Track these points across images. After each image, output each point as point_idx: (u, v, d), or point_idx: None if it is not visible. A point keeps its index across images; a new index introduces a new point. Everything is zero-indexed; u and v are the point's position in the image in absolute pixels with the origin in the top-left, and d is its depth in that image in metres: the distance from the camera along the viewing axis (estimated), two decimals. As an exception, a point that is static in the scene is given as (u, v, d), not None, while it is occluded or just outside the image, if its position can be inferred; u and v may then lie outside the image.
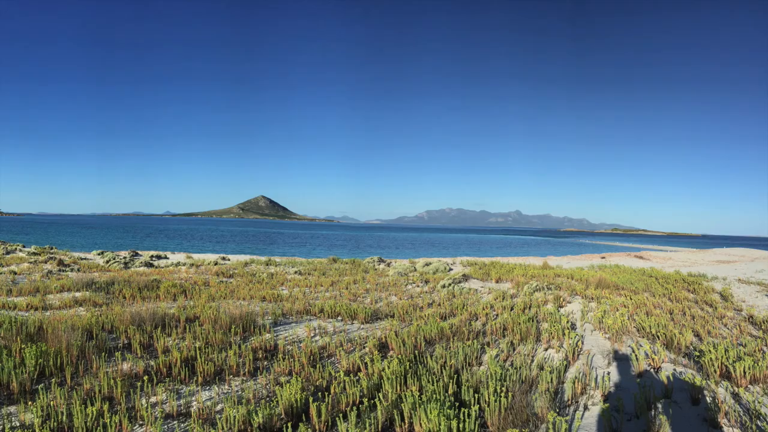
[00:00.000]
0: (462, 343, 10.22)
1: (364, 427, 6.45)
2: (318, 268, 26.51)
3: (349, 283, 20.64)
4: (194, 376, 8.34)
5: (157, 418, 6.55)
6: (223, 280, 21.26)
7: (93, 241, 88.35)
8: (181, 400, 7.36)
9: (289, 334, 11.44)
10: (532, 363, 9.20)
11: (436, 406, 6.35)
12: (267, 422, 6.51)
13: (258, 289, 18.07)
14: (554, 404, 7.31)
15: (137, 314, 11.57)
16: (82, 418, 6.19)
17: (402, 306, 14.65)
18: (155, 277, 20.87)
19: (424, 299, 16.35)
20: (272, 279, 21.88)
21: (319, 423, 6.57)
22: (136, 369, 8.51)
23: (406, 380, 7.90)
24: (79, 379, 8.03)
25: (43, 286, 17.60)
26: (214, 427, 6.48)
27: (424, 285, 20.62)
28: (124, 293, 16.23)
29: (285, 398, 6.91)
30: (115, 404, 7.15)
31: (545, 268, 27.01)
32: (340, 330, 11.87)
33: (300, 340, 10.90)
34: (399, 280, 22.07)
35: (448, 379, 7.98)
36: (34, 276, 21.52)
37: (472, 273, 23.91)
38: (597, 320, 12.33)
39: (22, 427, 6.41)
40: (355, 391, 7.37)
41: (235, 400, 7.25)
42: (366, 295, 17.48)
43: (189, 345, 9.68)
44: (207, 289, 17.67)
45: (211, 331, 10.53)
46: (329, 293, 17.88)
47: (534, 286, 18.19)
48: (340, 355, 9.44)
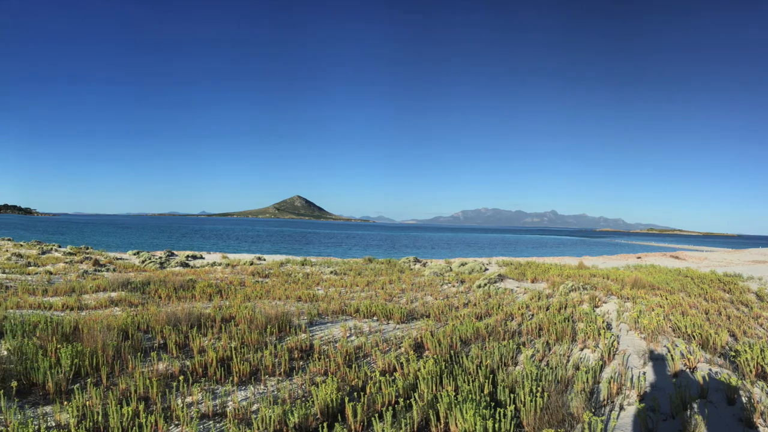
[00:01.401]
0: (498, 343, 10.26)
1: (400, 427, 6.50)
2: (354, 268, 26.58)
3: (384, 283, 20.71)
4: (230, 376, 8.46)
5: (192, 418, 6.68)
6: (258, 280, 21.45)
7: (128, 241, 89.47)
8: (216, 400, 7.47)
9: (325, 334, 11.53)
10: (568, 363, 9.24)
11: (472, 406, 6.38)
12: (303, 422, 6.59)
13: (293, 289, 18.21)
14: (590, 404, 7.33)
15: (173, 314, 11.73)
16: (117, 418, 6.32)
17: (438, 306, 14.67)
18: (191, 277, 21.10)
19: (459, 299, 16.35)
20: (308, 279, 22.01)
21: (355, 423, 6.64)
22: (172, 369, 8.66)
23: (441, 380, 7.95)
24: (114, 379, 8.19)
25: (79, 286, 17.89)
26: (250, 427, 6.57)
27: (460, 285, 20.62)
28: (160, 293, 16.48)
29: (321, 398, 6.98)
30: (150, 404, 7.28)
31: (581, 268, 26.86)
32: (375, 330, 11.92)
33: (336, 340, 10.98)
34: (434, 280, 22.07)
35: (484, 379, 8.00)
36: (70, 276, 21.89)
37: (507, 273, 23.83)
38: (632, 320, 12.30)
39: (57, 427, 6.55)
40: (391, 391, 7.42)
41: (271, 400, 7.36)
42: (402, 295, 17.53)
43: (225, 345, 9.81)
44: (243, 289, 17.85)
45: (247, 331, 10.64)
46: (365, 293, 17.96)
47: (569, 286, 18.17)
48: (376, 355, 9.51)
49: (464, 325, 11.29)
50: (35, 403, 7.39)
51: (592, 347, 10.24)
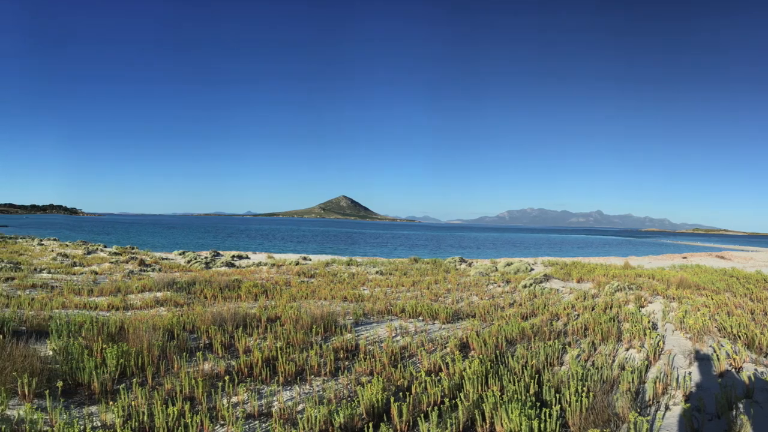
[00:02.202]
0: (543, 343, 10.26)
1: (446, 427, 6.48)
2: (399, 268, 26.58)
3: (430, 283, 20.70)
4: (275, 376, 8.52)
5: (238, 418, 6.71)
6: (304, 280, 21.55)
7: (174, 241, 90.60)
8: (262, 400, 7.52)
9: (371, 334, 11.58)
10: (613, 363, 9.24)
11: (518, 406, 6.39)
12: (348, 422, 6.60)
13: (339, 289, 18.28)
14: (635, 404, 7.30)
15: (218, 314, 11.84)
16: (163, 418, 6.38)
17: (483, 306, 14.66)
18: (236, 277, 21.29)
19: (505, 299, 16.32)
20: (353, 279, 22.08)
21: (401, 423, 6.64)
22: (218, 369, 8.74)
23: (487, 380, 7.96)
24: (160, 379, 8.28)
25: (124, 286, 18.16)
26: (296, 427, 6.59)
27: (506, 285, 20.61)
28: (206, 293, 16.65)
29: (366, 398, 7.00)
30: (196, 404, 7.35)
31: (626, 268, 26.75)
32: (421, 330, 11.94)
33: (381, 340, 11.03)
34: (480, 280, 22.05)
35: (529, 379, 8.01)
36: (115, 276, 22.21)
37: (553, 273, 23.74)
38: (678, 320, 12.29)
39: (103, 427, 6.63)
40: (437, 391, 7.43)
41: (317, 400, 7.39)
42: (447, 295, 17.52)
43: (270, 345, 9.86)
44: (288, 289, 17.96)
45: (293, 331, 10.72)
46: (410, 293, 17.97)
47: (615, 286, 18.14)
48: (422, 355, 9.48)
49: (510, 325, 11.30)
50: (81, 403, 7.50)
51: (638, 347, 10.24)
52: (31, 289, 17.32)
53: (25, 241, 48.58)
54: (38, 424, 6.20)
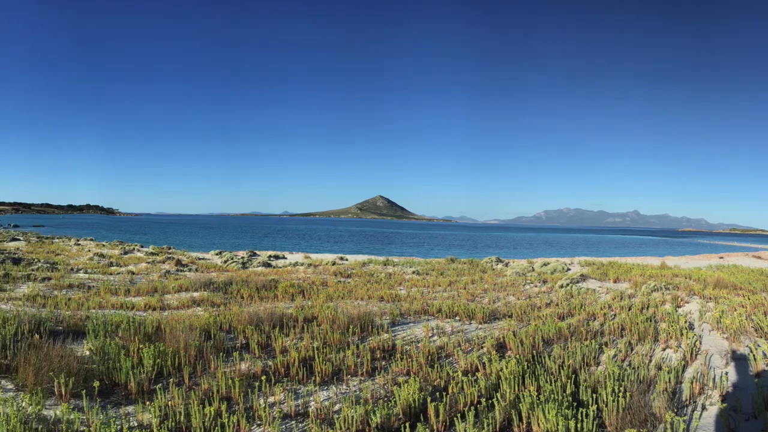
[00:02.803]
0: (580, 343, 10.28)
1: (482, 428, 6.50)
2: (436, 268, 26.59)
3: (467, 283, 20.70)
4: (312, 376, 8.54)
5: (275, 418, 6.72)
6: (341, 280, 21.62)
7: (211, 241, 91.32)
8: (299, 400, 7.55)
9: (407, 334, 11.60)
10: (650, 363, 9.26)
11: (554, 406, 6.41)
12: (385, 422, 6.62)
13: (376, 289, 18.31)
14: (672, 404, 7.31)
15: (255, 314, 11.91)
16: (200, 418, 6.42)
17: (520, 306, 14.65)
18: (273, 277, 21.40)
19: (541, 299, 16.32)
20: (390, 279, 22.12)
21: (437, 423, 6.65)
22: (254, 369, 8.80)
23: (524, 380, 7.98)
24: (197, 379, 8.34)
25: (161, 286, 18.33)
26: (332, 427, 6.61)
27: (542, 285, 20.58)
28: (242, 293, 16.76)
29: (403, 398, 7.02)
30: (233, 404, 7.40)
31: (663, 268, 26.69)
32: (458, 330, 11.96)
33: (418, 340, 11.05)
34: (517, 280, 22.04)
35: (566, 379, 8.04)
36: (152, 276, 22.45)
37: (589, 273, 23.72)
38: (715, 320, 12.30)
39: (140, 427, 6.69)
40: (473, 391, 7.46)
41: (353, 400, 7.40)
42: (484, 295, 17.50)
43: (307, 345, 9.92)
44: (325, 289, 18.02)
45: (329, 331, 10.76)
46: (447, 293, 17.97)
47: (652, 286, 18.16)
48: (458, 355, 9.53)
49: (546, 325, 11.33)
50: (117, 403, 7.58)
51: (675, 347, 10.25)
52: (68, 289, 17.55)
53: (62, 241, 49.29)
54: (75, 424, 6.27)
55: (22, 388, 7.67)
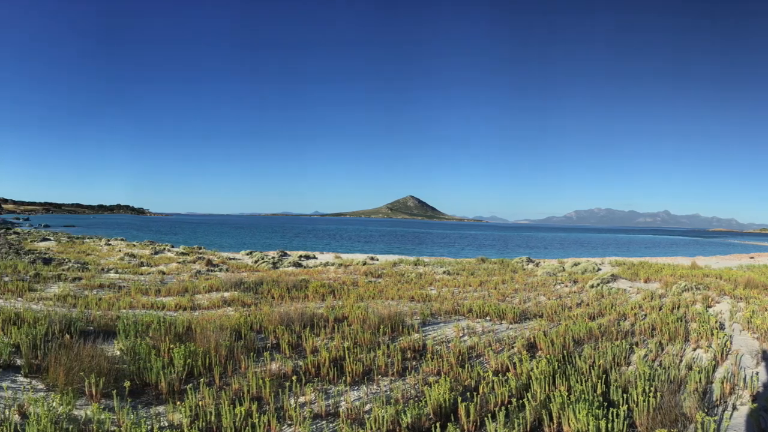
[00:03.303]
0: (610, 343, 10.28)
1: (513, 427, 6.52)
2: (466, 268, 26.55)
3: (497, 283, 20.66)
4: (342, 376, 8.56)
5: (305, 418, 6.74)
6: (371, 280, 21.64)
7: (241, 241, 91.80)
8: (329, 400, 7.58)
9: (438, 334, 11.60)
10: (681, 363, 9.26)
11: (585, 406, 6.42)
12: (415, 422, 6.63)
13: (406, 289, 18.32)
14: (702, 404, 7.28)
15: (286, 314, 11.95)
16: (230, 418, 6.46)
17: (550, 306, 14.64)
18: (304, 277, 21.46)
19: (572, 299, 16.28)
20: (421, 279, 22.11)
21: (468, 423, 6.66)
22: (285, 369, 8.83)
23: (554, 380, 7.98)
24: (227, 379, 8.39)
25: (192, 286, 18.46)
26: (363, 427, 6.62)
27: (573, 285, 20.53)
28: (273, 293, 16.83)
29: (433, 398, 7.03)
30: (263, 404, 7.43)
31: (693, 268, 26.56)
32: (488, 330, 11.95)
33: (448, 340, 11.04)
34: (547, 280, 22.01)
35: (597, 379, 8.04)
36: (183, 276, 22.62)
37: (620, 273, 23.63)
38: (745, 320, 12.21)
39: (170, 427, 6.74)
40: (504, 391, 7.47)
41: (384, 400, 7.41)
42: (514, 295, 17.49)
43: (337, 345, 9.93)
44: (356, 289, 18.05)
45: (360, 331, 10.78)
46: (478, 293, 17.95)
47: (682, 286, 18.09)
48: (489, 355, 9.52)
49: (577, 325, 11.34)
50: (148, 403, 7.65)
51: (705, 347, 10.24)
52: (99, 289, 17.71)
53: (93, 241, 49.83)
54: (105, 424, 6.33)
55: (53, 388, 7.75)
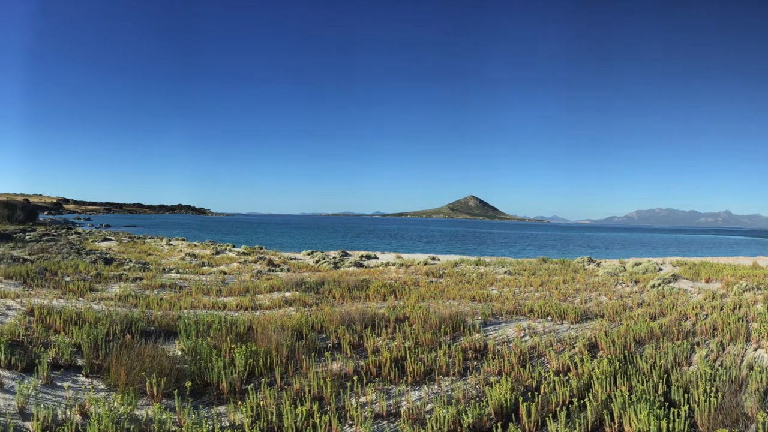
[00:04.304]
0: (671, 343, 10.16)
1: (574, 427, 6.51)
2: (527, 268, 26.38)
3: (558, 283, 20.56)
4: (404, 376, 8.59)
5: (366, 418, 6.78)
6: (432, 280, 21.63)
7: (302, 241, 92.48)
8: (390, 400, 7.61)
9: (499, 334, 11.56)
10: (742, 363, 9.16)
11: (646, 406, 6.45)
12: (476, 422, 6.64)
13: (467, 289, 18.27)
14: (764, 404, 7.20)
15: (347, 314, 11.99)
16: (291, 418, 6.51)
17: (611, 306, 14.54)
18: (365, 277, 21.51)
19: (633, 299, 16.09)
20: (482, 279, 22.04)
21: (529, 423, 6.69)
22: (346, 369, 8.88)
23: (615, 380, 7.99)
24: (288, 379, 8.48)
25: (253, 286, 18.65)
26: (424, 427, 6.64)
27: (634, 285, 20.31)
28: (334, 293, 16.91)
29: (495, 398, 7.04)
30: (324, 404, 7.48)
31: (755, 268, 25.91)
32: (549, 330, 11.89)
33: (509, 340, 11.02)
34: (608, 280, 21.79)
35: (658, 379, 8.04)
36: (244, 276, 22.85)
37: (681, 273, 23.26)
38: None
39: (231, 427, 6.84)
40: (565, 391, 7.46)
41: (445, 400, 7.44)
42: (575, 295, 17.38)
43: (398, 345, 9.95)
44: (417, 289, 18.05)
45: (421, 331, 10.77)
46: (539, 293, 17.88)
47: (744, 286, 17.74)
48: (550, 355, 9.50)
49: (638, 325, 11.27)
50: (209, 403, 7.76)
51: (767, 347, 10.06)
52: (160, 289, 17.99)
53: (154, 241, 50.68)
54: (167, 424, 6.43)
55: (114, 388, 7.91)
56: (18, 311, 12.26)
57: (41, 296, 14.67)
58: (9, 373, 8.13)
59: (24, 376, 8.12)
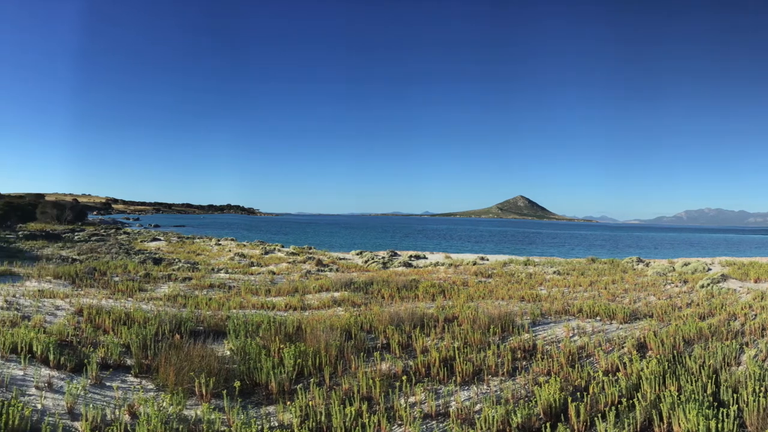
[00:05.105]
0: (720, 342, 10.03)
1: (623, 427, 6.49)
2: (576, 268, 26.25)
3: (607, 283, 20.47)
4: (453, 376, 8.58)
5: (415, 418, 6.79)
6: (481, 280, 21.63)
7: (351, 241, 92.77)
8: (439, 400, 7.60)
9: (548, 334, 11.51)
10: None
11: (695, 406, 6.43)
12: (525, 422, 6.63)
13: (516, 289, 18.26)
14: None
15: (396, 314, 12.01)
16: (340, 418, 6.54)
17: (660, 306, 14.41)
18: (414, 277, 21.54)
19: (682, 299, 15.93)
20: (531, 279, 22.02)
21: (578, 423, 6.68)
22: (395, 369, 8.89)
23: (664, 380, 7.94)
24: (337, 379, 8.51)
25: (302, 286, 18.79)
26: (473, 427, 6.63)
27: (683, 285, 20.11)
28: (383, 293, 16.96)
29: (544, 398, 7.04)
30: (373, 404, 7.50)
31: None
32: (598, 330, 11.82)
33: (558, 340, 10.96)
34: (657, 280, 21.62)
35: (707, 379, 7.96)
36: (293, 276, 23.04)
37: (730, 273, 22.92)
38: None
39: (280, 427, 6.87)
40: (614, 391, 7.43)
41: (494, 400, 7.44)
42: (624, 295, 17.26)
43: (447, 345, 9.93)
44: (465, 289, 18.03)
45: (470, 331, 10.75)
46: (588, 293, 17.80)
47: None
48: (599, 355, 9.44)
49: (687, 325, 11.15)
50: (258, 403, 7.82)
51: None
52: (209, 289, 18.20)
53: (203, 241, 51.29)
54: (215, 425, 6.50)
55: (163, 388, 8.01)
56: (67, 311, 12.50)
57: (90, 296, 14.94)
58: (58, 373, 8.27)
59: (73, 376, 8.26)
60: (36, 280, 17.32)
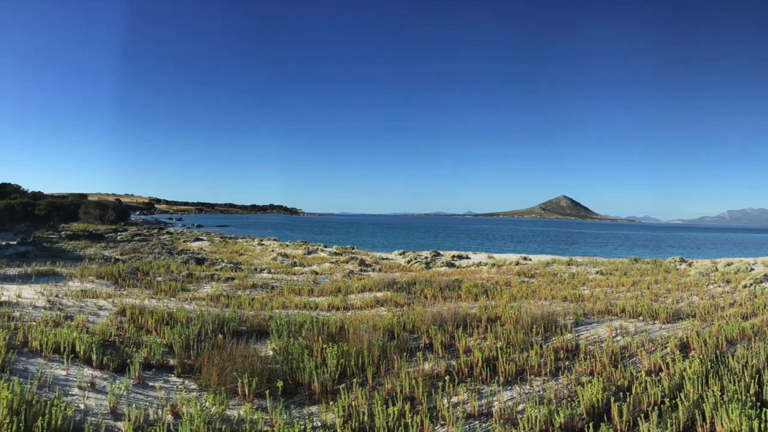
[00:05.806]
0: (763, 343, 9.85)
1: (666, 427, 6.46)
2: (619, 268, 26.09)
3: (650, 283, 20.31)
4: (495, 376, 8.55)
5: (458, 418, 6.80)
6: (524, 280, 21.60)
7: (394, 241, 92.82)
8: (482, 400, 7.56)
9: (590, 334, 11.44)
10: None
11: (738, 406, 6.35)
12: (568, 422, 6.61)
13: (559, 289, 18.17)
14: None
15: (438, 314, 12.00)
16: (383, 418, 6.56)
17: (703, 306, 14.20)
18: (456, 277, 21.50)
19: (725, 299, 15.74)
20: (573, 279, 21.94)
21: (621, 423, 6.66)
22: (438, 369, 8.89)
23: (707, 380, 7.87)
24: (380, 379, 8.52)
25: (345, 286, 18.85)
26: (516, 427, 6.61)
27: (726, 285, 19.86)
28: (426, 293, 16.97)
29: (586, 398, 7.01)
30: (416, 404, 7.50)
31: None
32: (641, 330, 11.70)
33: (601, 340, 10.89)
34: (700, 280, 21.39)
35: (750, 379, 7.84)
36: (336, 276, 23.15)
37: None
38: None
39: (323, 427, 6.91)
40: (657, 391, 7.37)
41: (537, 400, 7.42)
42: (667, 295, 17.09)
43: (490, 345, 9.91)
44: (508, 289, 17.99)
45: (513, 331, 10.71)
46: (630, 293, 17.66)
47: None
48: (641, 355, 9.37)
49: (730, 325, 11.02)
50: (301, 403, 7.87)
51: None
52: (251, 289, 18.34)
53: (245, 241, 51.67)
54: (258, 424, 6.54)
55: (206, 388, 8.10)
56: (110, 311, 12.67)
57: (133, 296, 15.12)
58: (101, 373, 8.40)
59: (116, 376, 8.39)
60: (79, 280, 17.56)
